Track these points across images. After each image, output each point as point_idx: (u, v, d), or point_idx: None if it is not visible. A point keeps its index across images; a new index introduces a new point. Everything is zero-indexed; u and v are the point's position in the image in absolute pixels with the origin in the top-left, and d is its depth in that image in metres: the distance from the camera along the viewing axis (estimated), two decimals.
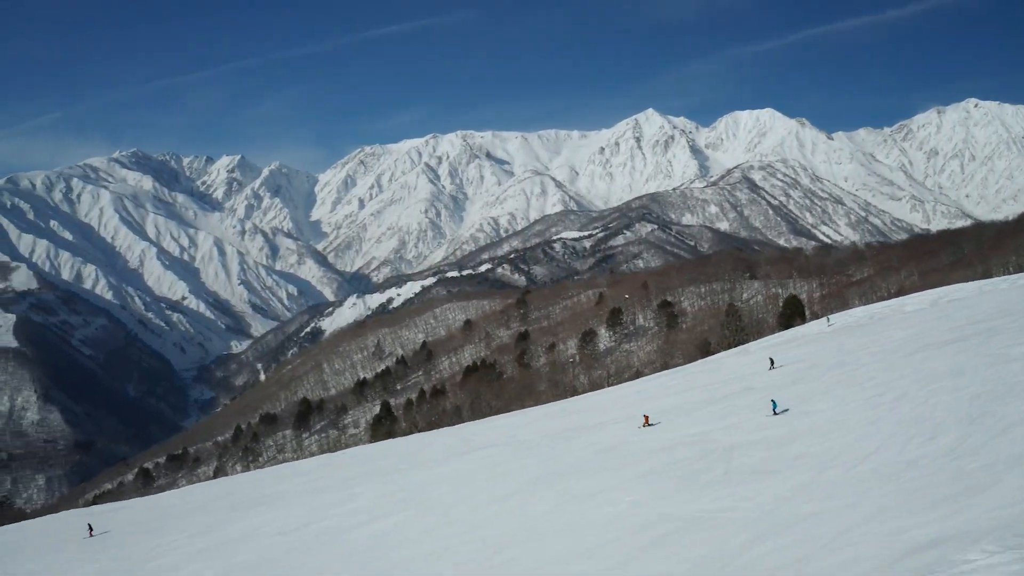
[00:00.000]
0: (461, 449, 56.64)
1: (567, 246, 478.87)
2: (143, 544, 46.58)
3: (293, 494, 53.32)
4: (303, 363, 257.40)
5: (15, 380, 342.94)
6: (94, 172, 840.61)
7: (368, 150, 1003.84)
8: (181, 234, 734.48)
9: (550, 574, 24.19)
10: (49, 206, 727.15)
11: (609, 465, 35.97)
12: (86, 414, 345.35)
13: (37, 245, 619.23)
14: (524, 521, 30.46)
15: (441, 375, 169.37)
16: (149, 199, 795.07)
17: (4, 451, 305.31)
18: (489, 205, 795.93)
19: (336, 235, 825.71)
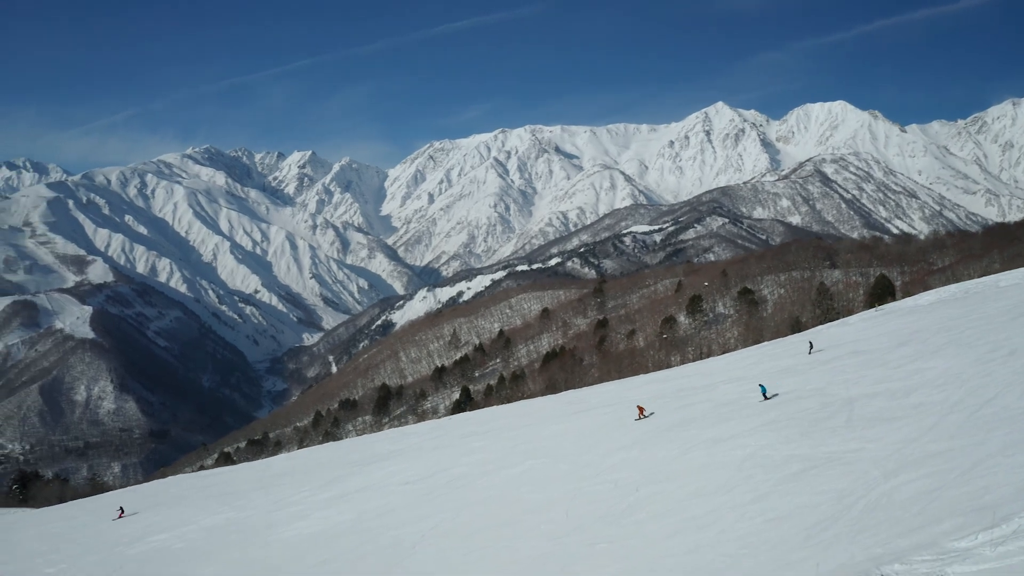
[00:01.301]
0: (575, 409, 57.82)
1: (637, 240, 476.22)
2: (265, 498, 48.21)
3: (411, 451, 54.74)
4: (379, 352, 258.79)
5: (92, 370, 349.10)
6: (168, 168, 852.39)
7: (437, 145, 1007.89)
8: (254, 228, 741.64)
9: (692, 507, 25.18)
10: (124, 201, 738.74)
11: (730, 417, 36.81)
12: (161, 404, 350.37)
13: (113, 239, 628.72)
14: (654, 465, 31.47)
15: (519, 362, 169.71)
16: (222, 194, 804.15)
17: (81, 439, 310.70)
18: (558, 199, 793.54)
19: (406, 229, 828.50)
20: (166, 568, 35.75)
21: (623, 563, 21.82)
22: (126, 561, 39.07)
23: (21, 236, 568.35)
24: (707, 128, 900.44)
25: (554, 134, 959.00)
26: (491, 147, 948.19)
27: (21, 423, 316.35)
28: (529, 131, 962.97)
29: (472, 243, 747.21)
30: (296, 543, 34.21)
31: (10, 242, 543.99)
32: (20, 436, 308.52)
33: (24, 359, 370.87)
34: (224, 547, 37.31)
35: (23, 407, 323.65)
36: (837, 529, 20.05)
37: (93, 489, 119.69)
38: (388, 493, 39.52)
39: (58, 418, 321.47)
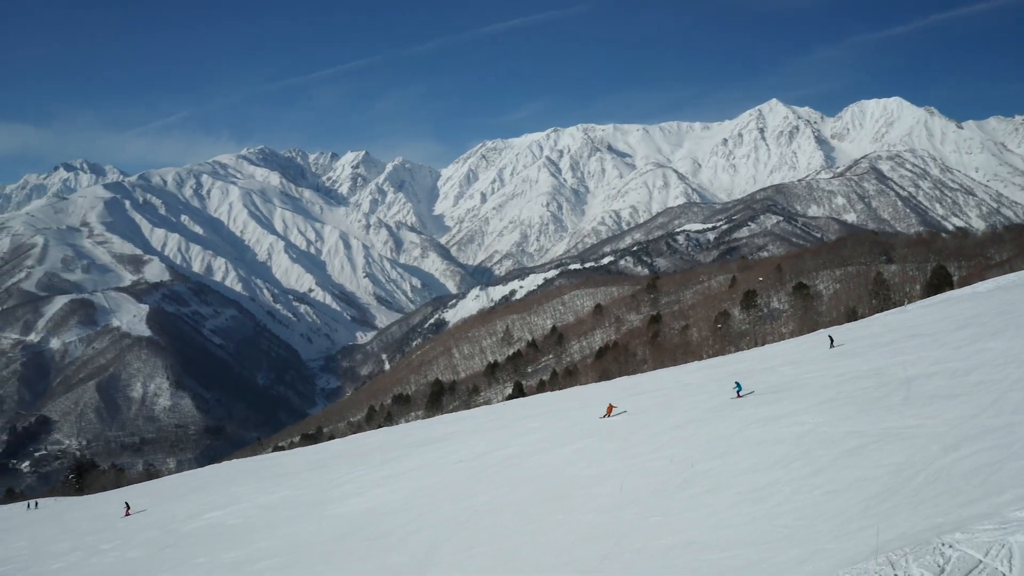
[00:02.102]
0: (629, 393, 57.65)
1: (690, 238, 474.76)
2: (320, 477, 48.69)
3: (465, 433, 55.02)
4: (432, 348, 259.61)
5: (148, 368, 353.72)
6: (223, 169, 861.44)
7: (489, 144, 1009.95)
8: (308, 228, 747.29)
9: (749, 481, 24.99)
10: (180, 201, 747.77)
11: (788, 396, 36.60)
12: (216, 401, 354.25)
13: (169, 239, 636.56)
14: (710, 441, 31.29)
15: (572, 358, 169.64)
16: (277, 194, 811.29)
17: (137, 435, 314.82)
18: (611, 198, 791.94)
19: (459, 229, 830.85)
20: (220, 543, 36.13)
21: (678, 534, 21.67)
22: (180, 537, 39.67)
23: (79, 236, 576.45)
24: (761, 125, 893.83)
25: (607, 133, 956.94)
26: (543, 146, 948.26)
27: (78, 419, 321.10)
28: (581, 130, 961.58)
29: (525, 242, 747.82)
30: (350, 518, 34.44)
31: (68, 242, 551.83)
32: (77, 432, 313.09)
33: (81, 356, 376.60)
34: (278, 523, 37.70)
35: (80, 403, 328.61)
36: (896, 500, 19.77)
37: (148, 477, 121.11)
38: (442, 471, 39.77)
39: (115, 414, 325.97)
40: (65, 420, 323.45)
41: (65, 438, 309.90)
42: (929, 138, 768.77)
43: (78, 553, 43.16)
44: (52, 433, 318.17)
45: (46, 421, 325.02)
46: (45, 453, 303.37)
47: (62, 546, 46.31)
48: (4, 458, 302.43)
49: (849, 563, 15.07)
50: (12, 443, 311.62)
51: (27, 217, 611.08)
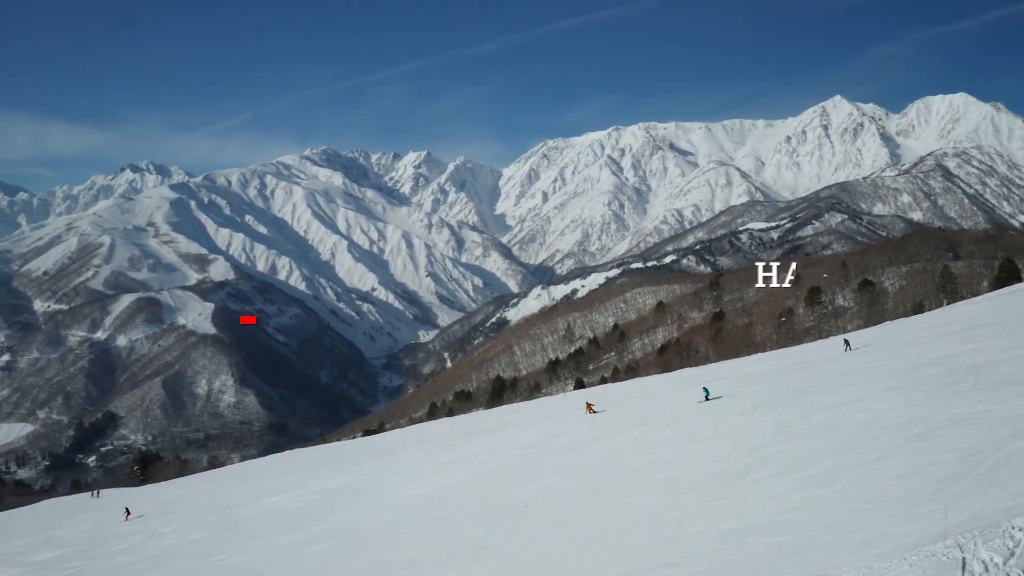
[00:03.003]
0: (691, 383, 57.19)
1: (754, 237, 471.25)
2: (381, 464, 48.88)
3: (525, 422, 55.02)
4: (494, 345, 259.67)
5: (213, 365, 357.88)
6: (287, 169, 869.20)
7: (551, 144, 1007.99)
8: (371, 227, 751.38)
9: (814, 465, 24.54)
10: (244, 202, 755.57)
11: (853, 383, 35.97)
12: (280, 398, 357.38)
13: (234, 238, 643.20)
14: (774, 428, 30.80)
15: (634, 355, 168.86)
16: (340, 194, 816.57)
17: (201, 431, 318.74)
18: (673, 197, 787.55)
19: (520, 228, 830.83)
20: (279, 526, 36.48)
21: (740, 518, 21.29)
22: (240, 520, 40.14)
23: (145, 236, 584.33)
24: (824, 123, 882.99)
25: (668, 131, 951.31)
26: (605, 145, 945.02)
27: (144, 415, 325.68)
28: (643, 128, 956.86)
29: (586, 241, 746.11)
30: (409, 502, 34.50)
31: (135, 241, 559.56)
32: (143, 427, 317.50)
33: (148, 354, 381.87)
34: (336, 507, 37.91)
35: (146, 400, 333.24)
36: (965, 484, 19.24)
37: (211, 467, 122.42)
38: (502, 457, 39.69)
39: (180, 410, 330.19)
40: (131, 416, 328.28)
41: (131, 433, 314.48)
42: (996, 135, 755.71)
43: (138, 536, 43.99)
44: (118, 429, 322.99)
45: (112, 417, 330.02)
46: (111, 448, 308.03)
47: (123, 529, 47.01)
48: (71, 453, 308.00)
49: (917, 546, 14.68)
50: (79, 438, 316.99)
51: (94, 217, 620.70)
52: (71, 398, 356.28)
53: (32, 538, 54.76)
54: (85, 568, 38.96)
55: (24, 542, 52.42)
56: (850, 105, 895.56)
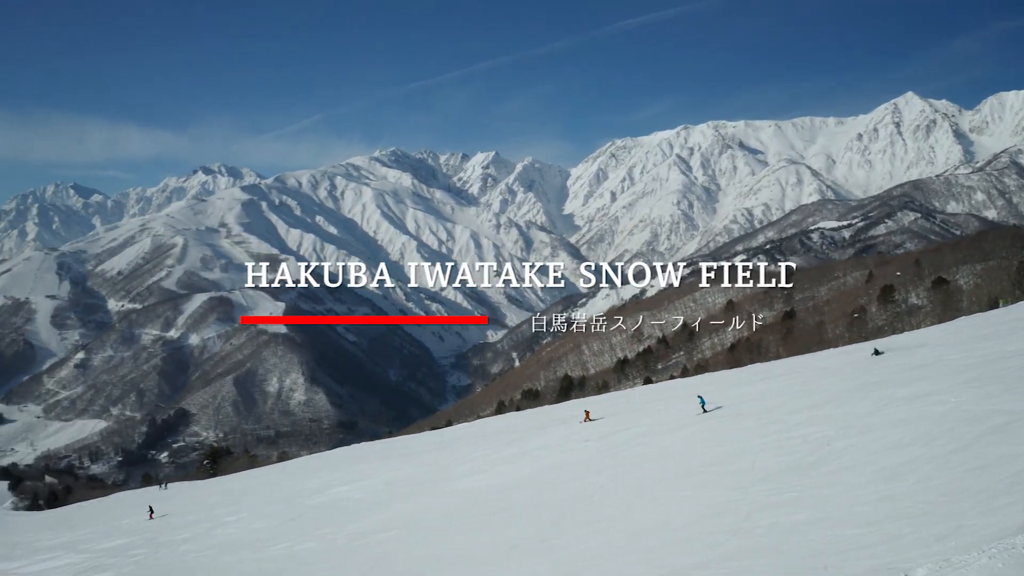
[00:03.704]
0: (760, 377, 56.75)
1: (825, 236, 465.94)
2: (446, 456, 49.04)
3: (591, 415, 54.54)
4: (562, 345, 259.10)
5: (284, 363, 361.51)
6: (356, 170, 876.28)
7: (619, 143, 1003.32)
8: (439, 228, 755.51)
9: (888, 458, 24.02)
10: (315, 203, 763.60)
11: (927, 376, 35.24)
12: (349, 396, 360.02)
13: (304, 239, 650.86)
14: (846, 421, 30.24)
15: (703, 354, 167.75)
16: (408, 195, 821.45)
17: (272, 428, 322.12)
18: (742, 196, 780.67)
19: (588, 228, 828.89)
20: (344, 515, 36.64)
21: (812, 511, 20.83)
22: (305, 510, 40.57)
23: (217, 236, 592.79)
24: (896, 120, 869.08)
25: (737, 129, 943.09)
26: (673, 144, 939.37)
27: (215, 412, 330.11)
28: (712, 127, 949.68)
29: (655, 241, 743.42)
30: (473, 493, 34.43)
31: (207, 242, 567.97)
32: (215, 424, 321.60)
33: (219, 352, 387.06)
34: (401, 497, 38.02)
35: (218, 397, 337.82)
36: None
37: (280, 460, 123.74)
38: (567, 450, 39.46)
39: (251, 408, 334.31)
40: (203, 413, 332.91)
41: (202, 430, 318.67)
42: None
43: (204, 525, 44.76)
44: (190, 425, 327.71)
45: (184, 414, 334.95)
46: (183, 444, 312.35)
47: (189, 518, 47.74)
48: (144, 449, 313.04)
49: (995, 539, 14.27)
50: (151, 435, 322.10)
51: (167, 219, 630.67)
52: (144, 395, 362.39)
53: (99, 527, 55.92)
54: (150, 556, 39.65)
55: (91, 530, 53.84)
56: (922, 102, 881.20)
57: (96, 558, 42.35)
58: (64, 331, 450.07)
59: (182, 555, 37.78)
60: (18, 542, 57.89)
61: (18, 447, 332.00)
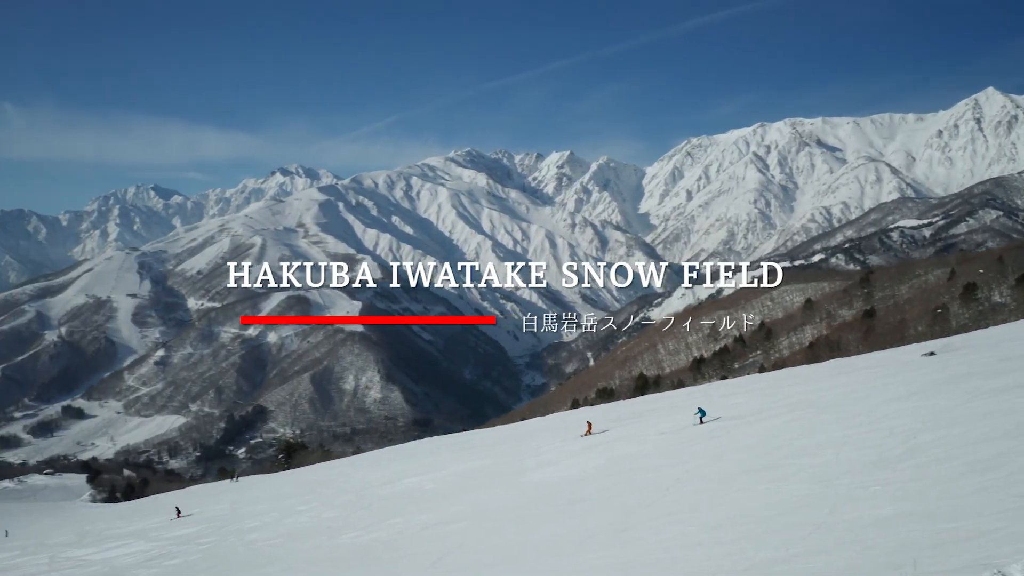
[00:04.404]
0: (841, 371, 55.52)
1: (905, 235, 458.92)
2: (519, 448, 48.78)
3: (667, 409, 54.34)
4: (637, 344, 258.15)
5: (360, 361, 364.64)
6: (431, 171, 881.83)
7: (695, 141, 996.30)
8: (514, 227, 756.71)
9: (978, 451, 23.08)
10: (391, 203, 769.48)
11: (1018, 368, 34.14)
12: (424, 394, 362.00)
13: (380, 239, 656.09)
14: (933, 413, 29.24)
15: (780, 353, 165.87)
16: (484, 195, 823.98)
17: (348, 426, 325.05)
18: (820, 194, 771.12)
19: (664, 227, 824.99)
20: (415, 505, 36.49)
21: (899, 504, 19.95)
22: (376, 500, 40.60)
23: (295, 236, 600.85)
24: (977, 116, 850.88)
25: (815, 126, 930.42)
26: (750, 142, 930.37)
27: (293, 409, 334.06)
28: (789, 124, 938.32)
29: (732, 240, 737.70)
30: (545, 485, 33.98)
31: (285, 242, 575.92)
32: (291, 421, 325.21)
33: (297, 350, 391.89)
34: (472, 488, 37.84)
35: (295, 394, 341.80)
36: None
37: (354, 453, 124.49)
38: (643, 442, 38.87)
39: (327, 405, 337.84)
40: (280, 410, 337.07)
41: (279, 427, 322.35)
42: None
43: (274, 514, 45.08)
44: (267, 422, 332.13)
45: (262, 410, 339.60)
46: (260, 441, 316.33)
47: (260, 507, 48.05)
48: (222, 444, 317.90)
49: None
50: (229, 431, 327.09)
51: (246, 219, 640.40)
52: (222, 392, 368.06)
53: (170, 516, 56.40)
54: (218, 544, 40.01)
55: (162, 519, 54.39)
56: (1003, 97, 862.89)
57: (165, 546, 43.05)
58: (144, 329, 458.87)
59: (250, 543, 37.99)
60: (89, 530, 59.03)
61: (98, 442, 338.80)
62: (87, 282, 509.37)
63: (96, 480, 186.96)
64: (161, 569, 37.15)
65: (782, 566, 17.09)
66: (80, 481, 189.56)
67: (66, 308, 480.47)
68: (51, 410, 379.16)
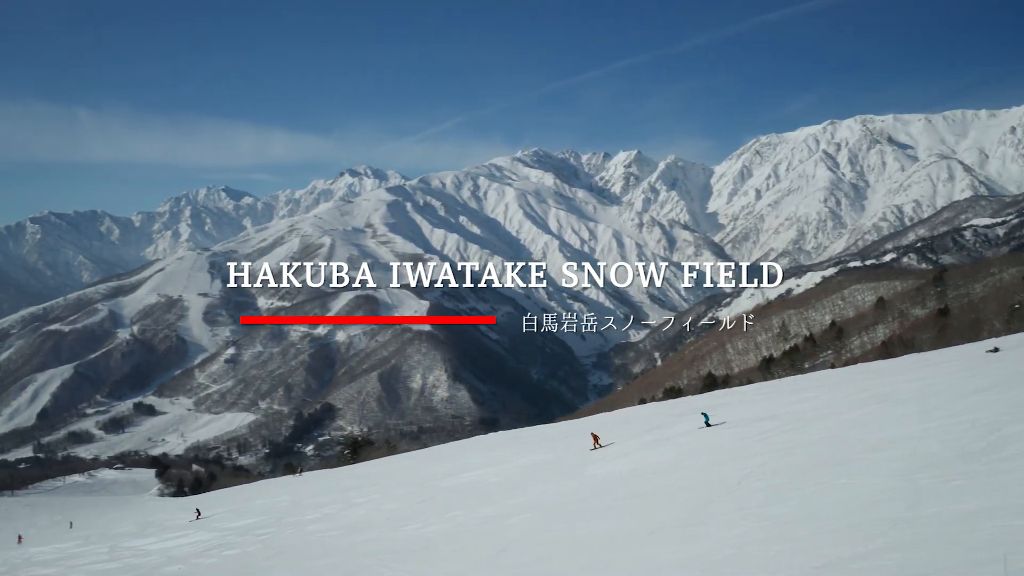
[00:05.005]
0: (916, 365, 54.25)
1: (978, 234, 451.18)
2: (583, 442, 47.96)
3: (737, 403, 53.47)
4: (705, 343, 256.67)
5: (427, 360, 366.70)
6: (498, 171, 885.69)
7: (763, 140, 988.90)
8: (581, 227, 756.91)
9: None
10: (458, 203, 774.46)
11: None
12: (491, 393, 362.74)
13: (448, 239, 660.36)
14: (1017, 405, 28.00)
15: (852, 353, 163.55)
16: (551, 194, 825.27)
17: (415, 424, 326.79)
18: (891, 192, 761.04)
19: (733, 226, 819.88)
20: (477, 498, 36.12)
21: (983, 499, 18.78)
22: (438, 492, 40.43)
23: (363, 236, 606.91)
24: None
25: (886, 124, 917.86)
26: (819, 140, 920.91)
27: (360, 407, 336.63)
28: (859, 121, 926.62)
29: (801, 240, 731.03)
30: (611, 478, 33.17)
31: (353, 242, 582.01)
32: (359, 419, 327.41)
33: (365, 349, 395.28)
34: (536, 481, 37.24)
35: (363, 392, 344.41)
36: None
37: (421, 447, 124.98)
38: (712, 436, 37.85)
39: (395, 404, 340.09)
40: (348, 408, 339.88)
41: (347, 424, 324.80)
42: None
43: (335, 506, 45.30)
44: (335, 420, 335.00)
45: (330, 408, 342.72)
46: (328, 438, 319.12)
47: (320, 499, 48.25)
48: (290, 442, 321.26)
49: None
50: (298, 428, 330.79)
51: (315, 219, 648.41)
52: (291, 390, 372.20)
53: (232, 507, 56.62)
54: (277, 535, 40.06)
55: (224, 510, 54.80)
56: None
57: (224, 536, 43.58)
58: (215, 327, 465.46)
59: (308, 534, 37.97)
60: (152, 521, 59.93)
61: (169, 438, 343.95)
62: (159, 281, 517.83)
63: (164, 475, 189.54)
64: (219, 559, 37.26)
65: (860, 562, 16.09)
66: (149, 476, 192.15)
67: (138, 307, 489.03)
68: (123, 407, 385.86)
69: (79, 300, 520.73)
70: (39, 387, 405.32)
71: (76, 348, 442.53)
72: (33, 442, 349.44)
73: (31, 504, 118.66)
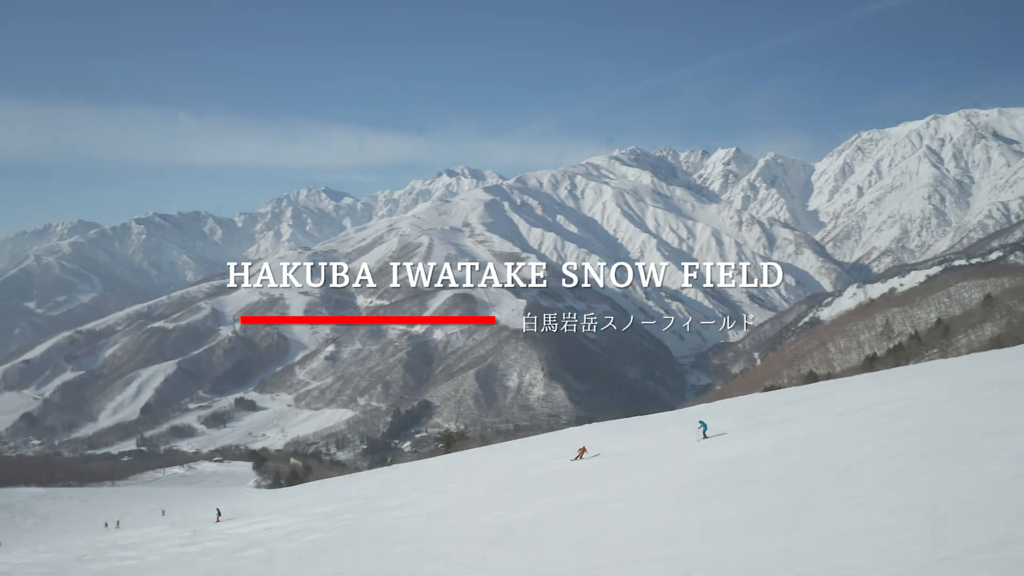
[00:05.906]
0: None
1: None
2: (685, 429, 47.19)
3: (842, 392, 51.65)
4: (806, 342, 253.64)
5: (524, 359, 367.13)
6: (596, 170, 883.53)
7: (865, 135, 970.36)
8: (679, 226, 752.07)
9: None
10: (555, 202, 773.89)
11: None
12: (588, 392, 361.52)
13: (545, 238, 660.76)
14: None
15: (959, 351, 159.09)
16: (648, 193, 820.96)
17: (511, 422, 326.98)
18: (997, 189, 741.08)
19: (834, 224, 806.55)
20: (569, 485, 35.30)
21: None
22: (525, 480, 40.90)
23: (461, 236, 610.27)
24: None
25: (991, 118, 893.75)
26: (922, 135, 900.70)
27: (457, 405, 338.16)
28: (963, 116, 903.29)
29: (905, 238, 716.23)
30: (711, 465, 31.78)
31: (451, 241, 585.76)
32: (456, 416, 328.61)
33: (462, 347, 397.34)
34: (634, 468, 36.68)
35: (460, 390, 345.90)
36: None
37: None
38: (818, 422, 36.21)
39: (491, 401, 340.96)
40: (445, 405, 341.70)
41: (444, 422, 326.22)
42: None
43: (419, 493, 45.51)
44: (432, 417, 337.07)
45: (427, 405, 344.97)
46: (424, 435, 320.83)
47: (406, 487, 48.27)
48: (387, 438, 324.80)
49: None
50: (395, 424, 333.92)
51: (413, 219, 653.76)
52: (389, 387, 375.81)
53: (319, 494, 56.67)
54: (360, 520, 39.92)
55: (311, 497, 55.36)
56: None
57: (307, 521, 43.90)
58: (315, 325, 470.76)
59: (391, 520, 37.68)
60: (240, 508, 60.55)
61: (269, 433, 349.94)
62: (261, 280, 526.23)
63: (261, 467, 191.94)
64: (299, 543, 37.14)
65: (988, 554, 14.42)
66: (247, 468, 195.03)
67: (240, 305, 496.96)
68: (224, 402, 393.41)
69: (183, 298, 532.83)
70: (143, 382, 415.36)
71: (179, 345, 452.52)
72: (136, 436, 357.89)
73: (128, 494, 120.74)
